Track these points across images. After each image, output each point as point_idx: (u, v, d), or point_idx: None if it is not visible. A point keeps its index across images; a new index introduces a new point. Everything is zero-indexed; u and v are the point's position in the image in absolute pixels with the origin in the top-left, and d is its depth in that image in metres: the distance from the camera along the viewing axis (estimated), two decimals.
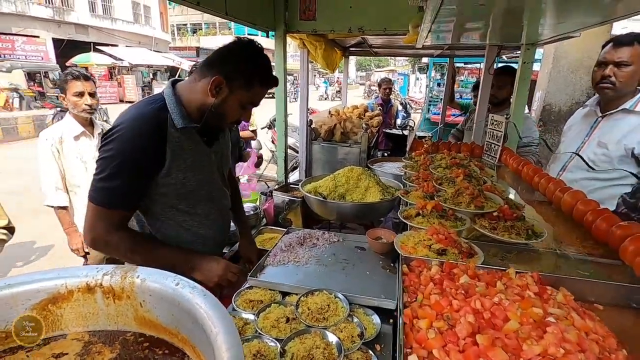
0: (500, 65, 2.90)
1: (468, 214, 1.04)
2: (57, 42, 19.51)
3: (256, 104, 1.30)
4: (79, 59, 18.94)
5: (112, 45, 21.71)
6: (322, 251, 1.63)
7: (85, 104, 2.28)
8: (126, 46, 22.65)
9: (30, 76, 16.12)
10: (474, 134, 2.55)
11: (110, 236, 1.16)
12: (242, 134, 4.25)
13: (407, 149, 2.04)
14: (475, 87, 3.31)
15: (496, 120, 1.71)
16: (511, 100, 2.07)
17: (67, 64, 17.96)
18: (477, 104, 2.51)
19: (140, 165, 1.14)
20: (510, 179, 1.58)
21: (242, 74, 1.21)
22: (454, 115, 5.73)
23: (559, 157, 2.10)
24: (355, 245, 1.71)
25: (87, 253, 2.40)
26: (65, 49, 19.48)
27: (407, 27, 1.99)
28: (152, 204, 1.29)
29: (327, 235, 1.77)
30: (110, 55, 20.41)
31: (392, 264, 1.51)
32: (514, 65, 2.62)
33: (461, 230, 0.94)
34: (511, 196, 1.28)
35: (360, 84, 36.58)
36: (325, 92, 29.08)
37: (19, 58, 17.31)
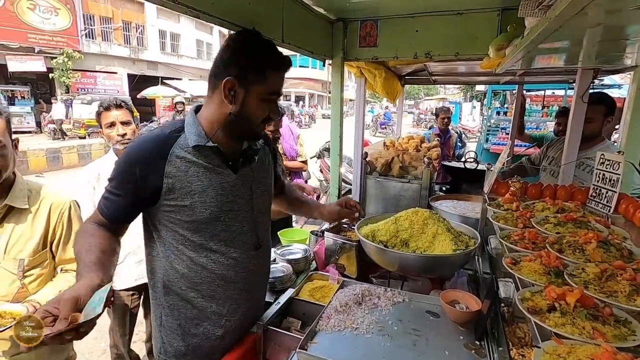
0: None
1: (630, 311, 0.70)
2: (130, 77, 21.73)
3: (279, 93, 1.17)
4: (148, 92, 20.86)
5: (177, 79, 23.69)
6: (385, 315, 1.35)
7: (117, 134, 2.06)
8: (189, 79, 24.59)
9: None
10: (563, 174, 2.13)
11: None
12: (291, 164, 4.11)
13: (486, 190, 1.71)
14: (560, 114, 2.88)
15: (609, 160, 1.35)
16: (617, 134, 1.69)
17: (138, 96, 19.85)
18: (567, 138, 2.12)
19: (126, 187, 1.10)
20: (635, 236, 1.20)
21: (251, 66, 1.09)
22: (521, 145, 5.17)
23: None
24: (426, 309, 1.40)
25: (112, 301, 2.22)
26: (137, 83, 21.60)
27: (485, 51, 1.72)
28: (164, 231, 1.19)
29: (389, 293, 1.48)
30: (175, 88, 22.19)
31: (478, 342, 1.18)
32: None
33: (632, 347, 0.60)
34: None
35: (408, 112, 36.05)
36: (372, 121, 28.94)
37: (99, 92, 19.46)
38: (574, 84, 2.17)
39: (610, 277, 0.75)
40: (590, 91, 2.17)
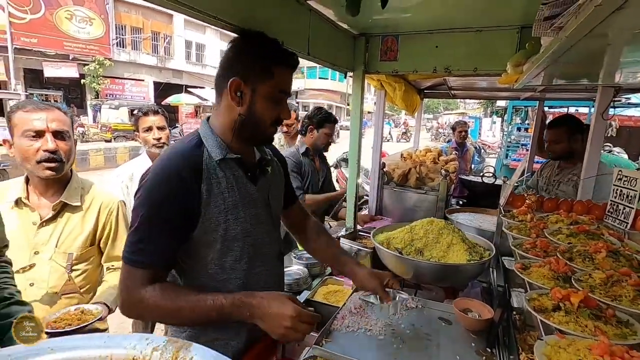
0: (555, 116, 2.63)
1: (635, 316, 0.73)
2: (156, 85, 22.57)
3: (287, 92, 1.09)
4: (172, 99, 21.59)
5: (200, 87, 24.42)
6: (398, 319, 1.38)
7: (153, 138, 2.20)
8: (212, 88, 25.22)
9: (132, 113, 18.69)
10: (582, 189, 2.13)
11: (136, 295, 0.95)
12: None
13: (502, 202, 1.73)
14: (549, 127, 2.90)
15: (626, 176, 1.36)
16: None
17: (162, 102, 20.56)
18: (586, 154, 2.12)
19: (170, 216, 0.97)
20: None
21: (255, 64, 1.03)
22: (541, 162, 5.09)
23: None
24: (439, 316, 1.43)
25: None
26: (162, 90, 22.40)
27: (503, 67, 1.77)
28: (190, 259, 1.08)
29: None
30: (198, 96, 22.90)
31: (489, 349, 1.21)
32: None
33: (634, 344, 0.64)
34: None
35: (427, 129, 35.80)
36: (389, 134, 28.90)
37: (126, 98, 20.32)
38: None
39: (615, 283, 0.78)
40: (558, 116, 2.18)
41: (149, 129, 2.21)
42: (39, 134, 1.34)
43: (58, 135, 1.37)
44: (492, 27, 1.94)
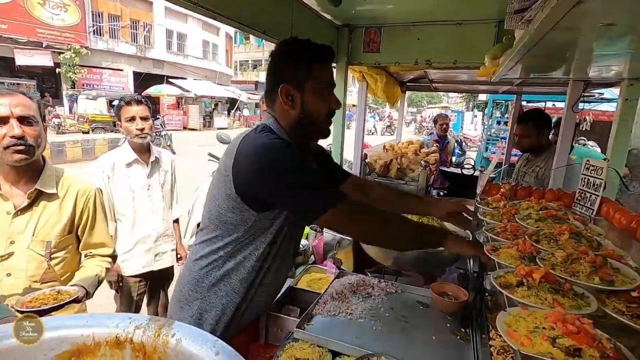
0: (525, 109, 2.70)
1: (590, 289, 0.80)
2: (136, 75, 21.93)
3: (332, 83, 1.19)
4: (152, 90, 21.03)
5: (182, 78, 23.88)
6: (378, 303, 1.43)
7: (136, 128, 2.14)
8: (194, 79, 24.77)
9: (111, 103, 18.14)
10: (554, 179, 2.23)
11: (365, 218, 1.15)
12: None
13: (479, 191, 1.80)
14: (557, 125, 3.00)
15: (593, 165, 1.44)
16: (610, 142, 1.78)
17: (142, 93, 20.02)
18: (558, 146, 2.22)
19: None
20: (616, 237, 1.29)
21: (296, 67, 1.13)
22: (517, 155, 5.28)
23: None
24: (417, 300, 1.48)
25: (120, 287, 2.28)
26: (143, 81, 21.80)
27: (482, 60, 1.82)
28: (255, 232, 1.17)
29: (383, 284, 1.57)
30: (180, 87, 22.41)
31: (463, 330, 1.27)
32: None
33: (586, 314, 0.70)
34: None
35: (409, 121, 36.13)
36: (374, 127, 29.04)
37: (104, 88, 19.67)
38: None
39: (575, 260, 0.84)
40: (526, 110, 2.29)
41: (132, 119, 2.15)
42: (3, 120, 1.29)
43: (24, 120, 1.32)
44: (471, 21, 1.99)
